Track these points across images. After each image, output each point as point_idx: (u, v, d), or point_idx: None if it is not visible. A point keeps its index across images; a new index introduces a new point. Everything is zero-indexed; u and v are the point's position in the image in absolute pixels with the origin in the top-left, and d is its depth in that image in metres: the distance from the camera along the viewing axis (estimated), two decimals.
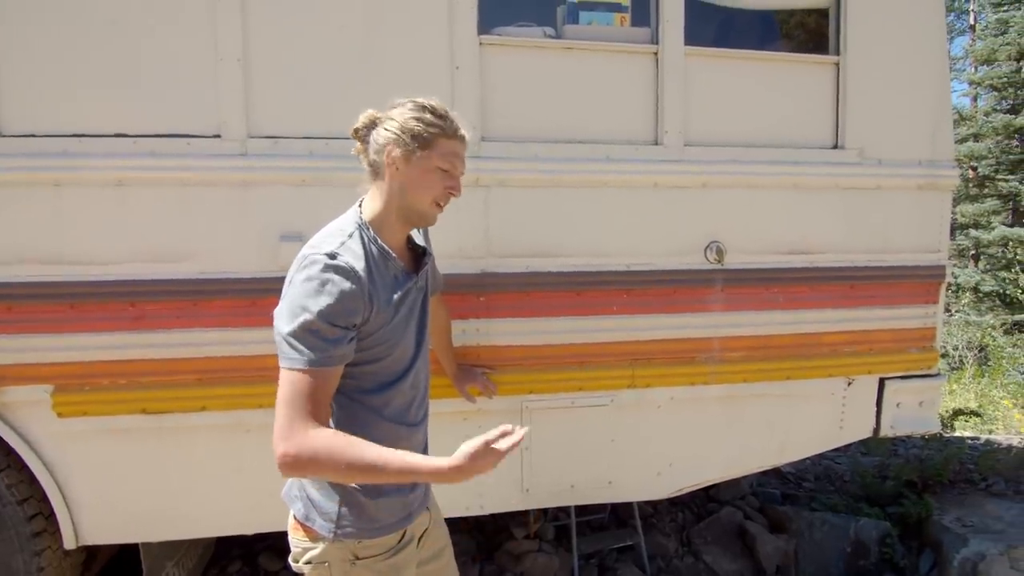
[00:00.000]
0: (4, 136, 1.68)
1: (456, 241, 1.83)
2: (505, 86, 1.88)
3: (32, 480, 1.77)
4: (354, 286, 1.08)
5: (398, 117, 1.17)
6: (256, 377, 1.79)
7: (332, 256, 1.08)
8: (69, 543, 1.80)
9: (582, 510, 2.59)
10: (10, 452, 1.75)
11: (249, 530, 1.93)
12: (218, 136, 1.75)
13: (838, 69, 2.09)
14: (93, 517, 1.81)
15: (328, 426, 1.09)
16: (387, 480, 1.09)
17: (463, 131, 1.21)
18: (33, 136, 1.69)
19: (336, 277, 1.07)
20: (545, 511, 2.66)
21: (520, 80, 1.90)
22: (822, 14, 2.20)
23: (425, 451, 1.31)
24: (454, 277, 1.72)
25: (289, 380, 1.07)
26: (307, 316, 1.05)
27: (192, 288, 1.75)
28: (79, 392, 1.74)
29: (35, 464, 1.75)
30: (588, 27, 1.97)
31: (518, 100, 1.90)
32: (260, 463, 1.83)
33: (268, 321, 1.76)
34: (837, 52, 2.09)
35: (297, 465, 1.03)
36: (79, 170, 1.69)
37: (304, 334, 1.06)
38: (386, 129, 1.17)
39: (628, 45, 1.96)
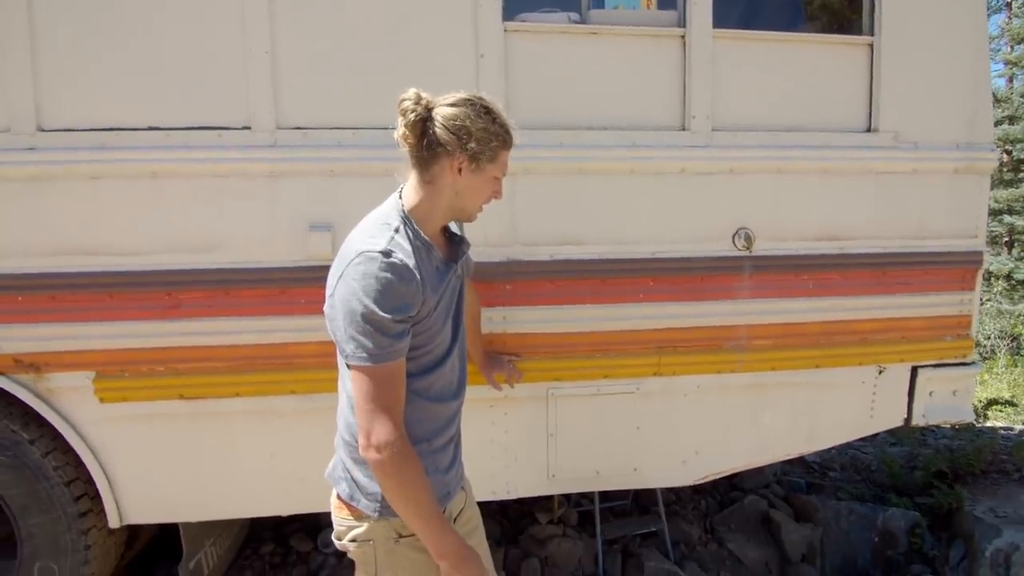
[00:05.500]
0: (44, 131, 1.73)
1: (482, 229, 1.83)
2: (530, 73, 1.87)
3: (78, 462, 1.85)
4: (410, 283, 1.11)
5: (466, 121, 1.14)
6: (287, 364, 1.83)
7: (387, 254, 1.09)
8: (113, 522, 1.87)
9: (605, 496, 2.61)
10: (57, 436, 1.82)
11: (282, 511, 1.99)
12: (248, 128, 1.78)
13: (872, 50, 2.03)
14: (135, 498, 1.88)
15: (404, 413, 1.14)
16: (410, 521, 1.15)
17: (516, 136, 1.24)
18: (72, 130, 1.74)
19: (393, 275, 1.09)
20: (568, 497, 2.68)
21: (545, 66, 1.88)
22: None
23: (459, 426, 1.34)
24: (480, 265, 1.73)
25: (363, 377, 1.10)
26: (370, 314, 1.08)
27: (224, 277, 1.79)
28: (119, 378, 1.80)
29: (80, 447, 1.82)
30: (614, 11, 1.95)
31: (543, 86, 1.89)
32: (292, 447, 1.88)
33: (297, 309, 1.83)
34: (871, 32, 2.03)
35: (384, 463, 1.10)
36: (115, 163, 1.74)
37: (371, 332, 1.09)
38: (452, 132, 1.13)
39: (654, 29, 1.93)
